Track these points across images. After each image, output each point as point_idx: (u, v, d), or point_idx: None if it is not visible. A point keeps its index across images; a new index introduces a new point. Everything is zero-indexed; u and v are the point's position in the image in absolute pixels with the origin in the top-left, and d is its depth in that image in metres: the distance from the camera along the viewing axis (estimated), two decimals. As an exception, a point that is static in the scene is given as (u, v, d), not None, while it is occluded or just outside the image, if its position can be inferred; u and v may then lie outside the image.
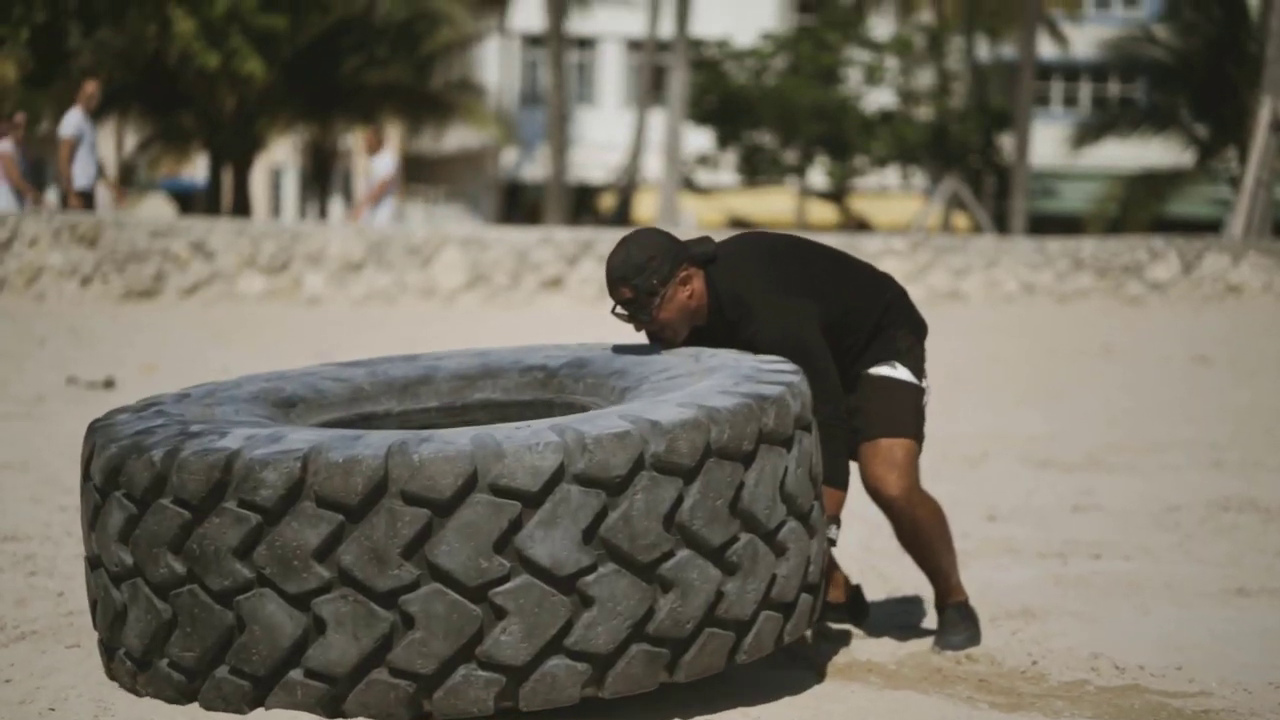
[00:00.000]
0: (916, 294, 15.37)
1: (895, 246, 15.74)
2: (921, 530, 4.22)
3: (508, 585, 3.16)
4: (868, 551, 5.61)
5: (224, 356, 10.35)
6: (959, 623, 4.32)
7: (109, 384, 9.07)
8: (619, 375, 3.83)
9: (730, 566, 3.39)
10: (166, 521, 3.24)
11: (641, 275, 3.81)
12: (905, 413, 4.14)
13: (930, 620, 4.62)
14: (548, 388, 3.98)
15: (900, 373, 4.14)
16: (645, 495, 3.24)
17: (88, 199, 14.05)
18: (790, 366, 3.71)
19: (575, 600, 3.21)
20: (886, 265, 15.09)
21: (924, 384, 4.20)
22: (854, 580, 4.69)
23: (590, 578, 3.21)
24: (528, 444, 3.15)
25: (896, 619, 4.70)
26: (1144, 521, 6.22)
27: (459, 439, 3.16)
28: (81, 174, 13.94)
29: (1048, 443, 8.20)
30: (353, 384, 4.00)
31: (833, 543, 3.88)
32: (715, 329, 3.95)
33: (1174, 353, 12.52)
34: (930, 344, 4.45)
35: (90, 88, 13.98)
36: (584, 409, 3.81)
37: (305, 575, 3.15)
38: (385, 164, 15.47)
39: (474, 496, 3.13)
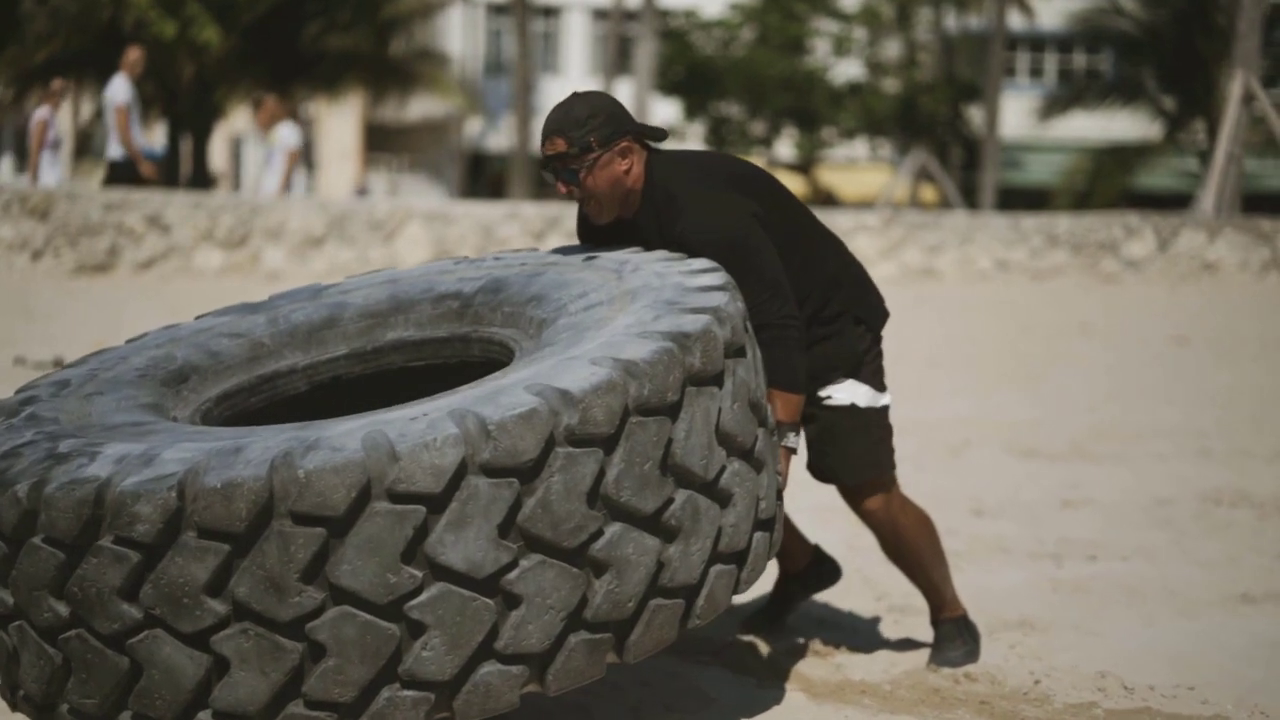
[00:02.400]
0: (889, 271, 15.15)
1: (868, 222, 15.48)
2: (905, 541, 3.96)
3: (422, 597, 2.86)
4: (852, 551, 5.36)
5: (179, 336, 10.00)
6: (955, 638, 4.07)
7: (58, 364, 8.75)
8: (536, 302, 3.48)
9: (669, 531, 3.08)
10: (41, 563, 2.93)
11: (579, 129, 3.48)
12: (879, 451, 3.86)
13: (925, 633, 4.37)
14: (463, 319, 3.62)
15: (863, 395, 3.82)
16: (562, 475, 2.92)
17: (129, 168, 13.88)
18: (718, 280, 3.35)
19: (500, 601, 2.91)
20: (859, 241, 14.85)
21: (886, 399, 3.89)
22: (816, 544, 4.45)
23: (513, 575, 2.91)
24: (424, 441, 2.83)
25: (888, 631, 4.45)
26: (1136, 517, 6.00)
27: (348, 442, 2.84)
28: (139, 138, 13.84)
29: (1031, 430, 7.98)
30: (251, 339, 3.66)
31: (793, 451, 3.54)
32: (647, 225, 3.60)
33: (1152, 332, 12.34)
34: (905, 325, 4.15)
35: (134, 54, 13.74)
36: (502, 345, 3.49)
37: (198, 612, 2.84)
38: (290, 136, 14.94)
39: (371, 507, 2.82)
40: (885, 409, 3.87)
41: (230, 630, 2.85)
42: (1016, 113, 31.87)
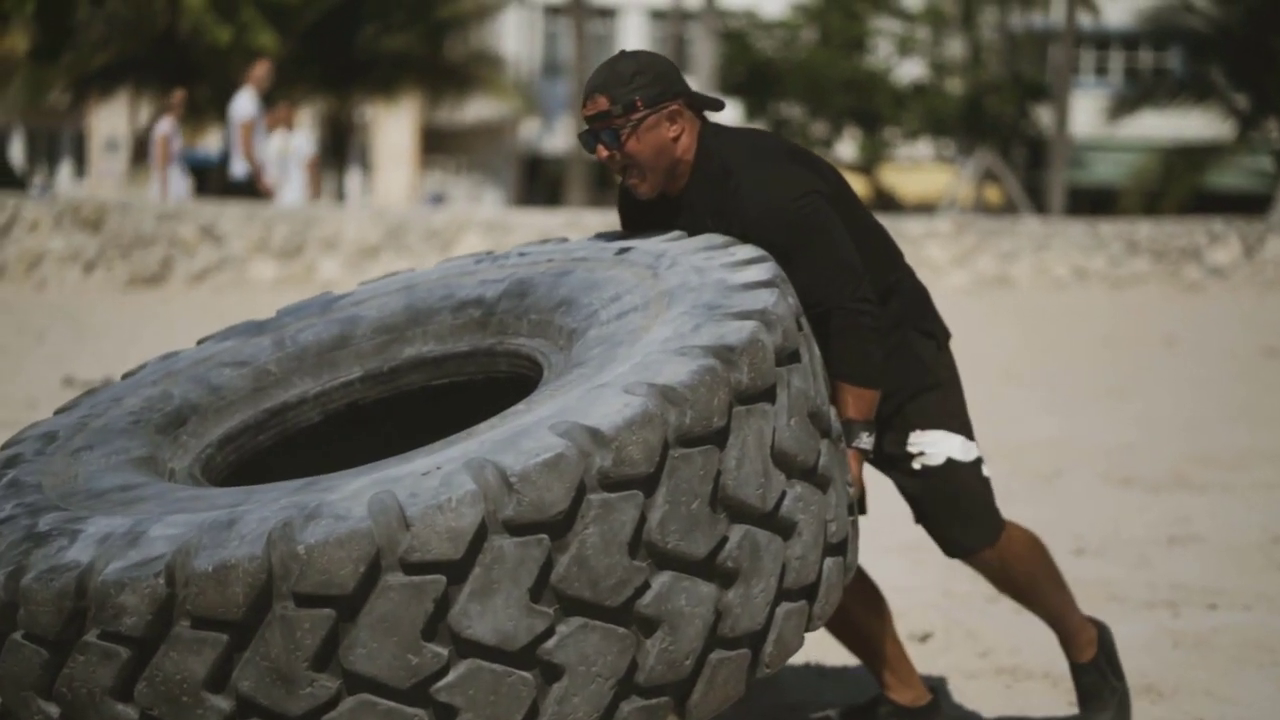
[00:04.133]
0: (961, 279, 14.71)
1: (940, 229, 15.02)
2: (1016, 573, 3.49)
3: (450, 677, 2.51)
4: (948, 599, 4.95)
5: (232, 353, 9.73)
6: (1102, 689, 3.58)
7: (108, 385, 8.48)
8: (565, 309, 3.10)
9: (726, 575, 2.69)
10: (25, 660, 2.60)
11: (624, 87, 3.10)
12: (987, 513, 3.41)
13: (1040, 698, 3.96)
14: (487, 329, 3.24)
15: (958, 448, 3.36)
16: (598, 525, 2.55)
17: (252, 186, 13.88)
18: (765, 274, 2.94)
19: (538, 674, 2.55)
20: (930, 249, 14.42)
21: (978, 450, 3.40)
22: (929, 672, 3.94)
23: (551, 643, 2.55)
24: (437, 502, 2.48)
25: (996, 698, 4.03)
26: (1253, 558, 5.56)
27: (353, 508, 2.50)
28: (263, 154, 13.77)
29: (1125, 454, 7.54)
30: (256, 366, 3.30)
31: (866, 454, 3.15)
32: (699, 201, 3.19)
33: (1241, 344, 11.83)
34: (980, 335, 3.67)
35: (261, 69, 13.67)
36: (530, 359, 3.11)
37: (200, 711, 2.51)
38: (305, 145, 14.90)
39: (384, 581, 2.47)
40: (980, 461, 3.41)
41: None
42: (1081, 111, 31.29)
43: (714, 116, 3.30)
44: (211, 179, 27.57)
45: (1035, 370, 10.47)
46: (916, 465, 3.36)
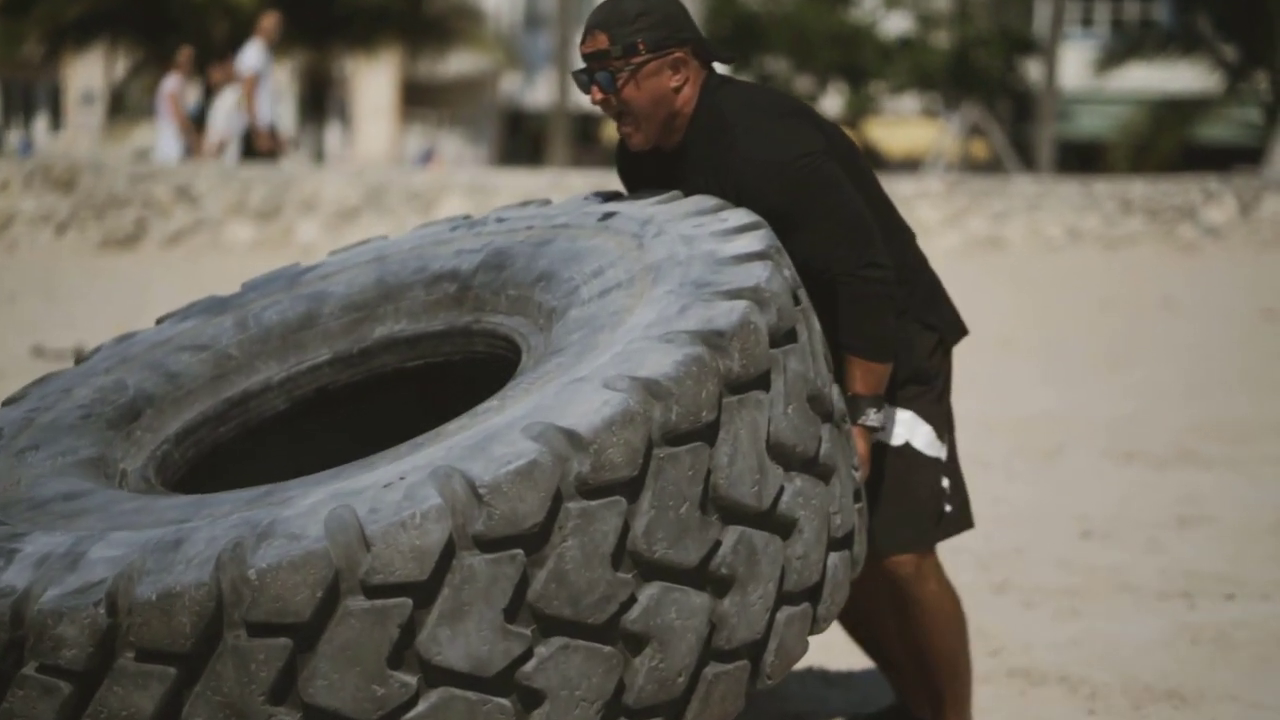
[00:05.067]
0: (953, 241, 14.48)
1: (930, 189, 14.77)
2: (927, 616, 3.12)
3: (420, 708, 2.33)
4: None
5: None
6: None
7: (78, 353, 8.23)
8: (545, 283, 2.89)
9: (720, 582, 2.50)
10: None
11: (626, 27, 2.86)
12: (921, 515, 3.07)
13: (1060, 706, 3.76)
14: (462, 305, 3.04)
15: (923, 437, 3.06)
16: (578, 537, 2.36)
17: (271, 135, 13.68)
18: (758, 243, 2.71)
19: (516, 701, 2.37)
20: (921, 209, 14.18)
21: (944, 451, 3.09)
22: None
23: (529, 666, 2.37)
24: (400, 518, 2.28)
25: (1011, 703, 3.82)
26: (1267, 541, 5.38)
27: (308, 526, 2.30)
28: (265, 110, 13.53)
29: (1127, 427, 7.35)
30: (216, 350, 3.09)
31: (874, 431, 2.93)
32: (695, 157, 2.95)
33: (1239, 306, 11.65)
34: (973, 299, 3.39)
35: (269, 21, 13.44)
36: (508, 340, 2.90)
37: None
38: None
39: (343, 606, 2.28)
40: (939, 462, 3.09)
41: None
42: (1068, 64, 31.01)
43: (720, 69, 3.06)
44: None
45: (1032, 337, 10.29)
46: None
